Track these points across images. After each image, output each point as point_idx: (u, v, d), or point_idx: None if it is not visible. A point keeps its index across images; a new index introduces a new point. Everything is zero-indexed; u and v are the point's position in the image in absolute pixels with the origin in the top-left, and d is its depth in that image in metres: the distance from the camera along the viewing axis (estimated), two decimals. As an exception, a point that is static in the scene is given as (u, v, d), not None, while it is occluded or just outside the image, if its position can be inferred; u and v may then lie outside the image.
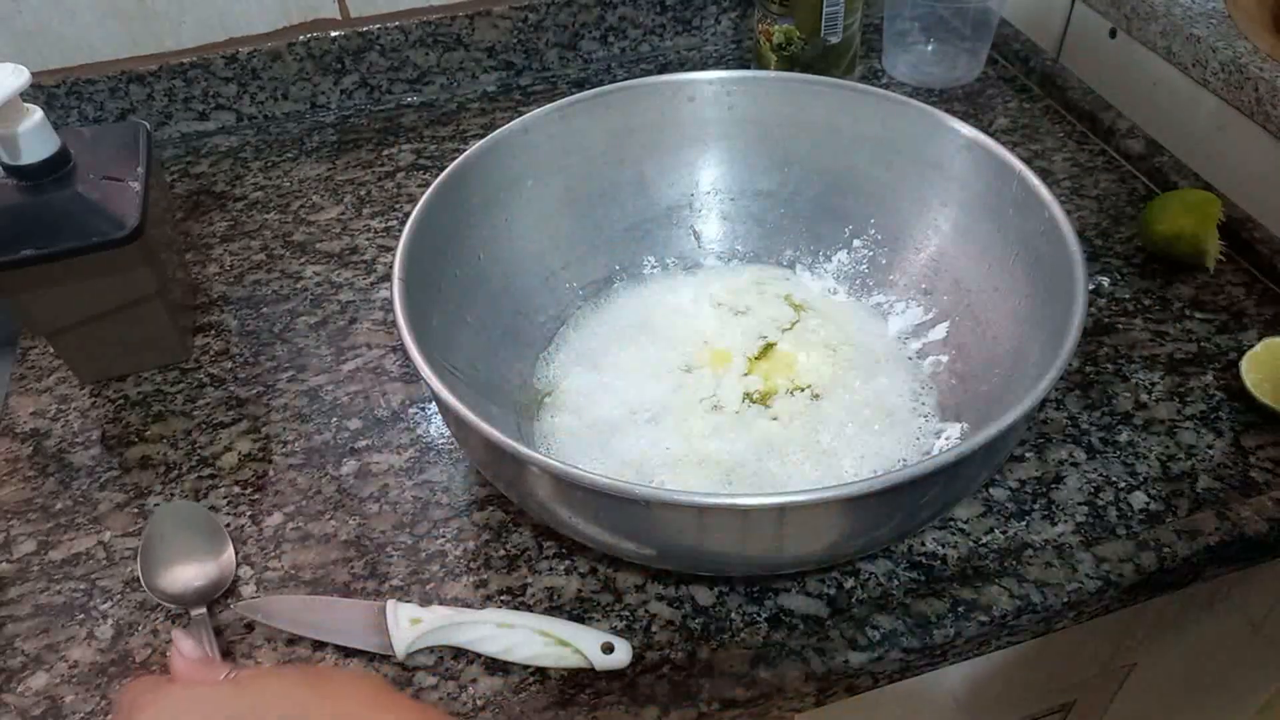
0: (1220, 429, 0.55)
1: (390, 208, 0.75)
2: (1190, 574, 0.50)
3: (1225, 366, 0.58)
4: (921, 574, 0.49)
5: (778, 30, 0.79)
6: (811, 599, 0.48)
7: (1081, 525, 0.51)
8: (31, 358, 0.65)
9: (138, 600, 0.50)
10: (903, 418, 0.54)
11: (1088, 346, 0.60)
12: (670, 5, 0.89)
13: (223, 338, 0.65)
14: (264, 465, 0.57)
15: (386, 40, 0.84)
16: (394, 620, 0.46)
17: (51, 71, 0.78)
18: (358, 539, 0.53)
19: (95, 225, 0.54)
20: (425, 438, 0.58)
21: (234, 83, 0.83)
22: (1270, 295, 0.63)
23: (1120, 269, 0.66)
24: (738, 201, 0.64)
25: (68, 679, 0.47)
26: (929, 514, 0.45)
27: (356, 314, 0.66)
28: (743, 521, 0.41)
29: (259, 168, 0.80)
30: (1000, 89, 0.84)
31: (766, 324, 0.60)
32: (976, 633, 0.47)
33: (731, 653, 0.46)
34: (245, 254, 0.72)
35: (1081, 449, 0.55)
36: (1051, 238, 0.49)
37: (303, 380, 0.62)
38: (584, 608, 0.49)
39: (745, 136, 0.63)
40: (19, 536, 0.54)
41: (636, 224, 0.64)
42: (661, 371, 0.58)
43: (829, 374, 0.57)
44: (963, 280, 0.57)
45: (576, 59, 0.90)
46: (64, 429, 0.60)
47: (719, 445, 0.53)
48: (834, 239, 0.63)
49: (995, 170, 0.53)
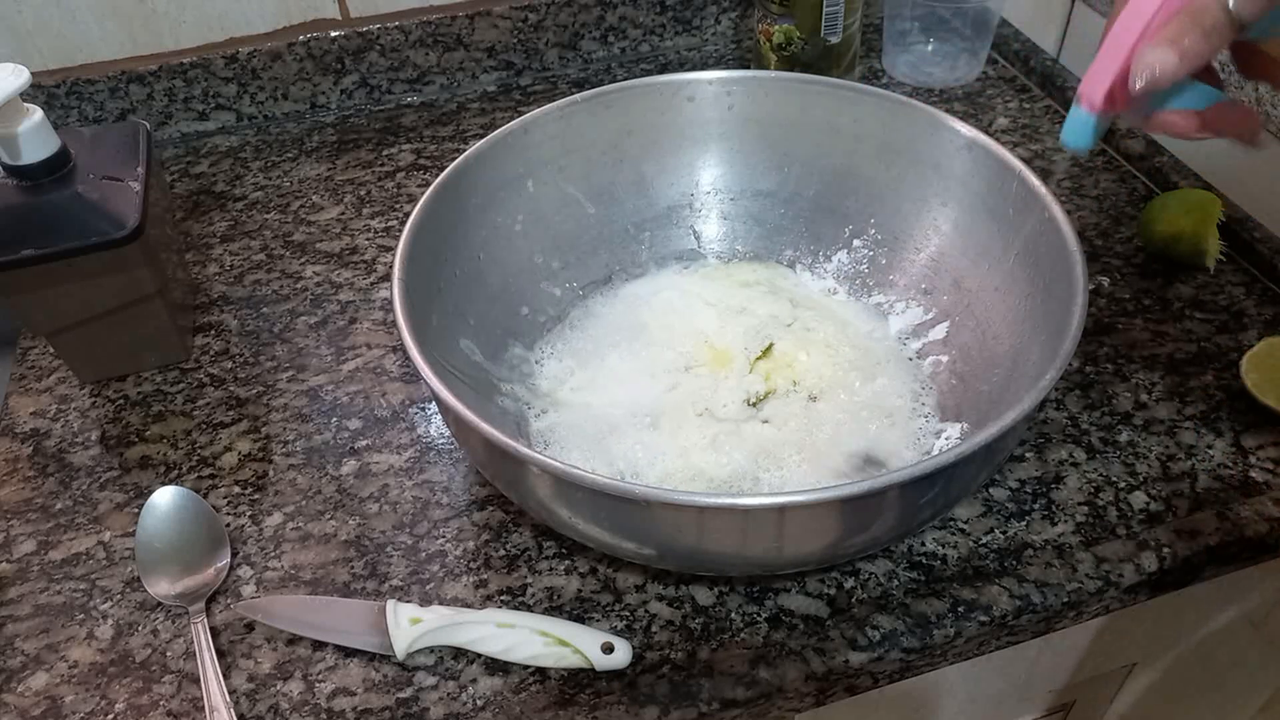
0: (1220, 429, 0.55)
1: (390, 208, 0.75)
2: (1190, 574, 0.50)
3: (1225, 366, 0.58)
4: (921, 574, 0.49)
5: (778, 30, 0.79)
6: (811, 599, 0.48)
7: (1081, 525, 0.51)
8: (31, 358, 0.65)
9: (138, 600, 0.50)
10: (903, 418, 0.54)
11: (1088, 346, 0.60)
12: (670, 5, 0.89)
13: (223, 338, 0.65)
14: (264, 465, 0.57)
15: (386, 40, 0.84)
16: (394, 620, 0.46)
17: (51, 71, 0.78)
18: (358, 539, 0.53)
19: (95, 225, 0.54)
20: (425, 438, 0.58)
21: (234, 83, 0.83)
22: (1270, 295, 0.63)
23: (1120, 269, 0.66)
24: (738, 201, 0.65)
25: (68, 679, 0.47)
26: (929, 514, 0.45)
27: (356, 314, 0.66)
28: (743, 521, 0.41)
29: (259, 168, 0.80)
30: (1000, 89, 0.84)
31: (766, 324, 0.60)
32: (976, 633, 0.47)
33: (731, 653, 0.46)
34: (245, 254, 0.72)
35: (1081, 449, 0.55)
36: (1051, 238, 0.49)
37: (303, 380, 0.62)
38: (584, 608, 0.49)
39: (745, 136, 0.63)
40: (19, 536, 0.54)
41: (636, 224, 0.64)
42: (661, 371, 0.58)
43: (829, 374, 0.57)
44: (963, 280, 0.57)
45: (576, 59, 0.90)
46: (64, 429, 0.60)
47: (716, 457, 0.53)
48: (834, 239, 0.63)
49: (995, 170, 0.53)
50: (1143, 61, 0.36)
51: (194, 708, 0.46)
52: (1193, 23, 0.36)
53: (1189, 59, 0.36)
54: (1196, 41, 0.36)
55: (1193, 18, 0.36)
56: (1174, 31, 0.36)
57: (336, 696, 0.46)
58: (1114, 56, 0.39)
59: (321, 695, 0.46)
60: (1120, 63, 0.38)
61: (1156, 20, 0.37)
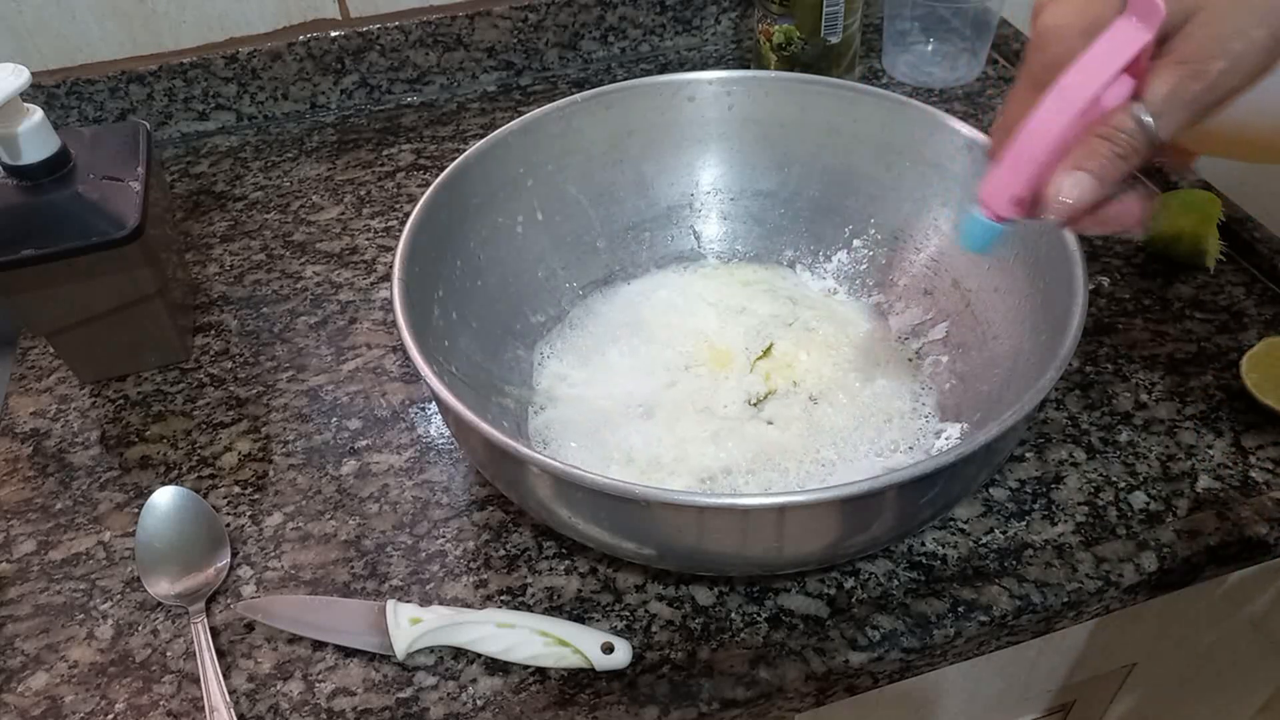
0: (1220, 429, 0.55)
1: (390, 208, 0.75)
2: (1190, 574, 0.50)
3: (1225, 366, 0.58)
4: (921, 574, 0.49)
5: (778, 30, 0.79)
6: (811, 599, 0.48)
7: (1081, 525, 0.51)
8: (31, 358, 0.65)
9: (138, 600, 0.50)
10: (903, 418, 0.54)
11: (1088, 346, 0.60)
12: (670, 5, 0.89)
13: (223, 338, 0.65)
14: (264, 465, 0.57)
15: (386, 40, 0.84)
16: (394, 620, 0.46)
17: (51, 71, 0.78)
18: (358, 539, 0.53)
19: (95, 225, 0.54)
20: (425, 438, 0.58)
21: (234, 83, 0.83)
22: (1270, 295, 0.63)
23: (1120, 269, 0.66)
24: (738, 201, 0.65)
25: (68, 679, 0.47)
26: (929, 514, 0.45)
27: (356, 314, 0.66)
28: (743, 521, 0.41)
29: (259, 168, 0.80)
30: (1000, 89, 0.84)
31: (766, 323, 0.60)
32: (976, 633, 0.47)
33: (731, 653, 0.46)
34: (245, 254, 0.72)
35: (1081, 449, 0.55)
36: (1051, 238, 0.49)
37: (303, 380, 0.62)
38: (584, 608, 0.49)
39: (745, 136, 0.63)
40: (19, 536, 0.54)
41: (636, 224, 0.64)
42: (660, 369, 0.58)
43: (829, 374, 0.57)
44: (963, 280, 0.57)
45: (576, 59, 0.90)
46: (64, 429, 0.60)
47: (715, 451, 0.53)
48: (834, 239, 0.63)
49: (995, 170, 0.53)
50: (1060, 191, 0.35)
51: (194, 708, 0.46)
52: (1108, 145, 0.34)
53: (1106, 184, 0.35)
54: (1113, 166, 0.34)
55: (1109, 140, 0.34)
56: (1089, 156, 0.34)
57: (336, 696, 0.46)
58: (1019, 168, 0.36)
59: (321, 695, 0.46)
60: (1028, 176, 0.36)
61: (1069, 134, 0.35)
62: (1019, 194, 0.37)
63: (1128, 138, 0.34)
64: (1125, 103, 0.34)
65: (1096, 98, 0.34)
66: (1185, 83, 0.33)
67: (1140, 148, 0.34)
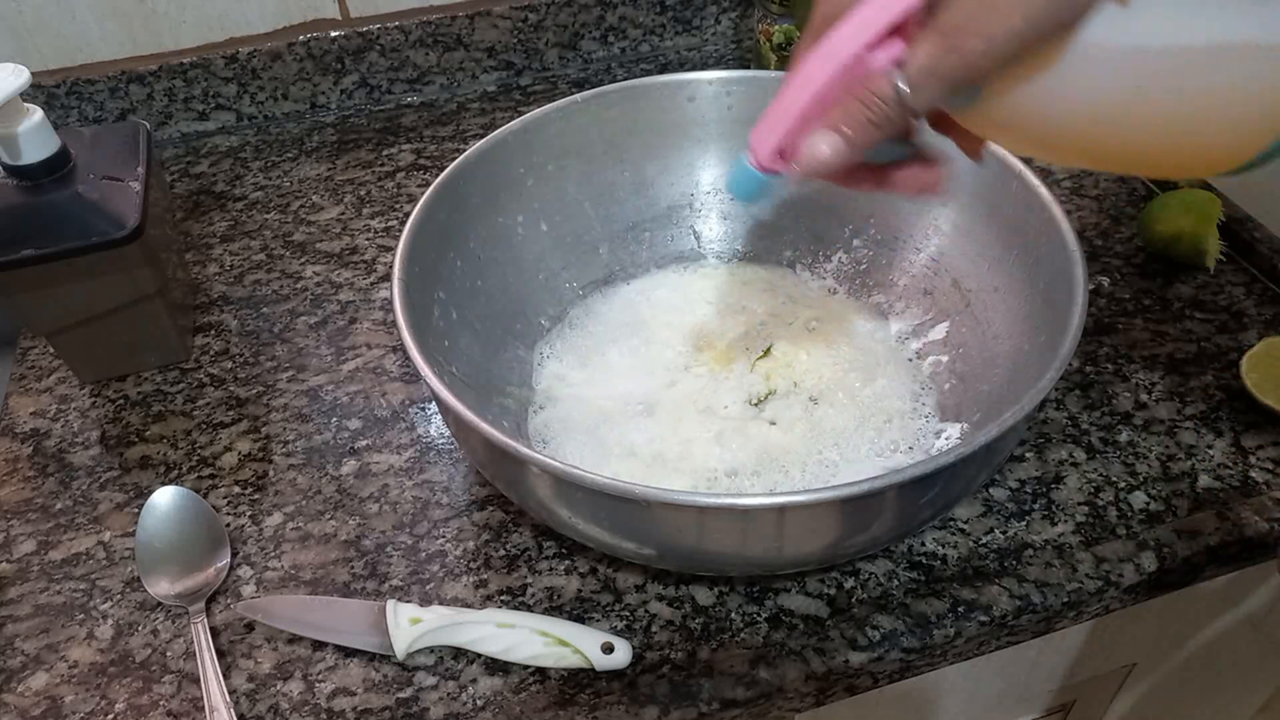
0: (1220, 429, 0.55)
1: (390, 208, 0.75)
2: (1190, 574, 0.50)
3: (1225, 366, 0.58)
4: (921, 574, 0.49)
5: (778, 30, 0.79)
6: (811, 599, 0.48)
7: (1081, 525, 0.51)
8: (31, 358, 0.65)
9: (138, 600, 0.50)
10: (903, 418, 0.54)
11: (1088, 346, 0.60)
12: (670, 5, 0.89)
13: (223, 338, 0.65)
14: (264, 465, 0.57)
15: (386, 40, 0.84)
16: (394, 620, 0.46)
17: (51, 71, 0.78)
18: (358, 539, 0.53)
19: (95, 225, 0.54)
20: (425, 438, 0.58)
21: (234, 83, 0.83)
22: (1270, 295, 0.63)
23: (1120, 269, 0.66)
24: (738, 201, 0.64)
25: (68, 679, 0.47)
26: (929, 514, 0.45)
27: (356, 314, 0.66)
28: (743, 521, 0.41)
29: (259, 168, 0.80)
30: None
31: (766, 323, 0.60)
32: (976, 633, 0.47)
33: (731, 653, 0.46)
34: (245, 254, 0.72)
35: (1081, 449, 0.55)
36: (1051, 238, 0.49)
37: (303, 380, 0.62)
38: (584, 608, 0.49)
39: (745, 136, 0.62)
40: (19, 536, 0.54)
41: (636, 224, 0.64)
42: (660, 369, 0.58)
43: (829, 374, 0.57)
44: (963, 280, 0.57)
45: (576, 59, 0.90)
46: (64, 429, 0.60)
47: (720, 452, 0.53)
48: (834, 239, 0.63)
49: (995, 170, 0.53)
50: (810, 149, 0.35)
51: (194, 708, 0.46)
52: (863, 109, 0.34)
53: (857, 148, 0.34)
54: (865, 131, 0.34)
55: (864, 104, 0.34)
56: (844, 117, 0.34)
57: (336, 696, 0.46)
58: (782, 120, 0.36)
59: (321, 695, 0.46)
60: (786, 127, 0.36)
61: (829, 91, 0.34)
62: (780, 145, 0.36)
63: (882, 103, 0.34)
64: (890, 66, 0.33)
65: (859, 56, 0.33)
66: (941, 56, 0.32)
67: (894, 116, 0.34)
